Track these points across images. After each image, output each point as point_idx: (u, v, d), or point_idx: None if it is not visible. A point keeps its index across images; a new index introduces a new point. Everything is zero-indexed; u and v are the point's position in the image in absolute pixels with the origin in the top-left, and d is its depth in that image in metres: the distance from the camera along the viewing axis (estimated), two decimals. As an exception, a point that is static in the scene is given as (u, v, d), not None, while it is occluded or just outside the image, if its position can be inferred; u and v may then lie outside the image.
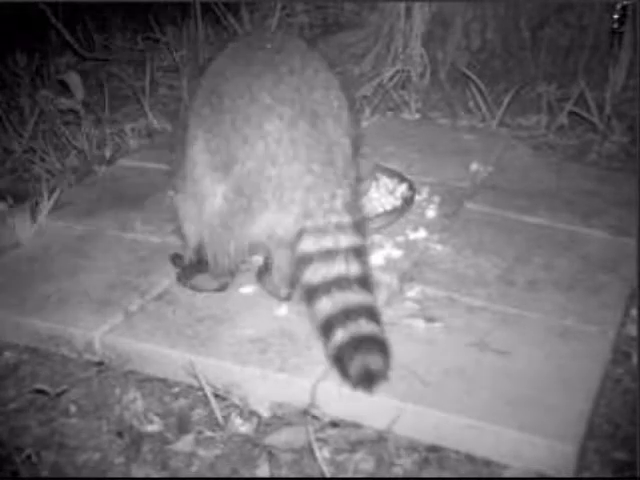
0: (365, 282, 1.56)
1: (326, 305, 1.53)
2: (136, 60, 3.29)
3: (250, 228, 1.68)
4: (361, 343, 1.50)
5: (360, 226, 1.61)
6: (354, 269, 1.55)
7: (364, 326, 1.51)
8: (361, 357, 1.49)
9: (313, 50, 1.77)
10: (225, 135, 1.64)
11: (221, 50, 1.80)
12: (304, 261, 1.57)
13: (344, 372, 1.50)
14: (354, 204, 1.62)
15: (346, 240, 1.57)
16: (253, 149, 1.61)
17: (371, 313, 1.53)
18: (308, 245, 1.57)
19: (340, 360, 1.51)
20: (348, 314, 1.51)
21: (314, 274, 1.55)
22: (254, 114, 1.61)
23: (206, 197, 1.70)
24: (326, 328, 1.53)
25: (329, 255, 1.55)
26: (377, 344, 1.51)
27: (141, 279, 1.88)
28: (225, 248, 1.72)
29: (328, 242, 1.56)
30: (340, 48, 3.27)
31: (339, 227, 1.57)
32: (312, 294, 1.55)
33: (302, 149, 1.60)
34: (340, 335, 1.51)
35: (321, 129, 1.62)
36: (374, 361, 1.49)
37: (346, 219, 1.59)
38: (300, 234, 1.58)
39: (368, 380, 1.49)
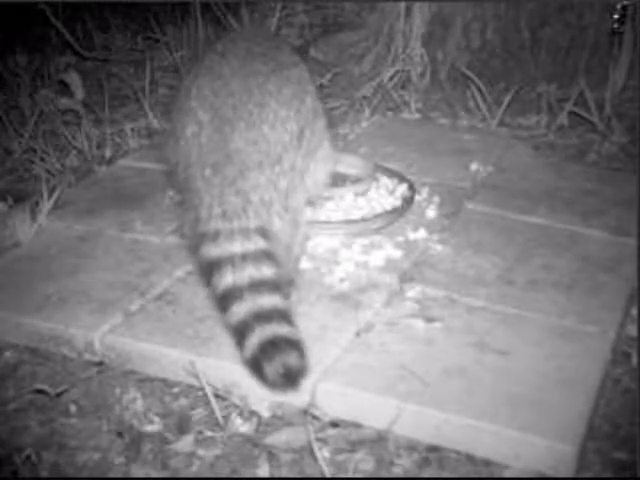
0: (262, 285, 1.53)
1: (229, 317, 1.53)
2: (136, 60, 3.28)
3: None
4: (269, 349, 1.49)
5: (253, 232, 1.58)
6: (246, 275, 1.53)
7: (256, 339, 1.49)
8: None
9: (274, 52, 1.75)
10: (173, 131, 1.74)
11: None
12: (207, 268, 1.58)
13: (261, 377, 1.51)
14: (241, 212, 1.58)
15: (232, 247, 1.55)
16: (180, 147, 1.68)
17: (258, 315, 1.51)
18: (204, 251, 1.57)
19: (255, 366, 1.51)
20: (238, 327, 1.51)
21: (213, 283, 1.55)
22: (185, 115, 1.68)
23: None
24: (235, 338, 1.54)
25: (218, 264, 1.55)
26: (289, 345, 1.50)
27: (141, 279, 1.88)
28: None
29: (216, 250, 1.56)
30: (340, 48, 3.27)
31: (221, 234, 1.56)
32: (219, 302, 1.57)
33: (203, 153, 1.63)
34: (247, 349, 1.50)
35: (226, 135, 1.62)
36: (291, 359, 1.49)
37: (229, 226, 1.57)
38: (200, 238, 1.59)
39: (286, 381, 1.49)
